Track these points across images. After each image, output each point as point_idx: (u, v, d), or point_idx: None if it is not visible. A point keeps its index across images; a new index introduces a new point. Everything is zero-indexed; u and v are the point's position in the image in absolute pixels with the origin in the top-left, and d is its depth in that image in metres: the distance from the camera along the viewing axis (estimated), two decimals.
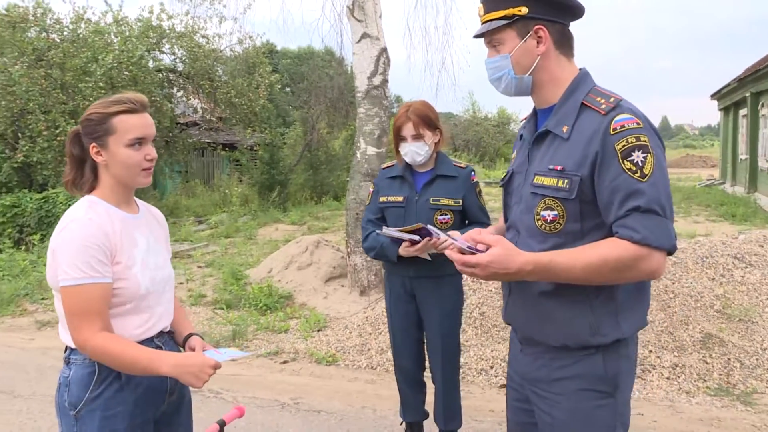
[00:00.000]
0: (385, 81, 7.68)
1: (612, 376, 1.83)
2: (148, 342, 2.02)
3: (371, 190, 3.62)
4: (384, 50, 7.58)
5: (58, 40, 13.05)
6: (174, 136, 15.73)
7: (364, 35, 7.46)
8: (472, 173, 3.45)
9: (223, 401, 4.59)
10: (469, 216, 3.41)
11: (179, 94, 16.50)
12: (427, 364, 3.69)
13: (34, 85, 11.57)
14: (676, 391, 4.62)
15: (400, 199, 3.41)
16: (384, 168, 3.64)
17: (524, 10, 1.83)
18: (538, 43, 1.86)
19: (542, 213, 1.84)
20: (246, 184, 18.47)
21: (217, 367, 1.90)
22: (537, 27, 1.84)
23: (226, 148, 20.15)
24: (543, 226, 1.85)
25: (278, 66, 26.14)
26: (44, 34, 13.05)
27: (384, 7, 7.81)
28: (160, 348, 2.07)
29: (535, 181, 1.88)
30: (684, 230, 10.95)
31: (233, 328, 6.25)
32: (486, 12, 1.90)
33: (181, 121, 16.73)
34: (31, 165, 11.74)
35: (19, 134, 11.81)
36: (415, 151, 3.31)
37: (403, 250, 3.18)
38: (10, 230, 10.57)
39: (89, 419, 1.91)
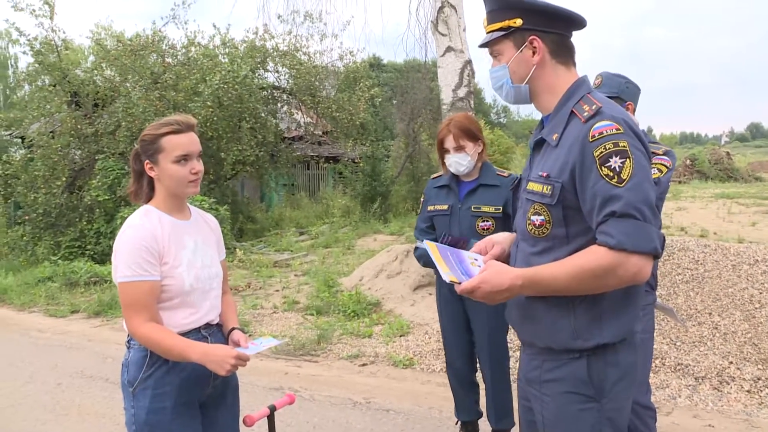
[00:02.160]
0: (470, 93, 7.82)
1: (597, 382, 1.87)
2: (194, 332, 2.30)
3: (422, 199, 3.81)
4: (468, 63, 7.72)
5: (172, 63, 14.03)
6: (279, 150, 16.40)
7: (449, 49, 7.64)
8: (515, 181, 3.51)
9: (301, 398, 4.87)
10: (508, 225, 3.44)
11: (283, 109, 17.19)
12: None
13: (150, 106, 12.48)
14: (757, 405, 4.46)
15: (445, 207, 3.61)
16: (433, 178, 3.84)
17: (519, 21, 1.94)
18: (533, 53, 1.95)
19: (532, 218, 1.94)
20: (349, 196, 18.96)
21: (241, 358, 2.14)
22: (531, 38, 1.94)
23: (330, 161, 20.76)
24: (533, 231, 1.94)
25: (380, 79, 26.67)
26: (160, 58, 14.07)
27: (468, 20, 7.95)
28: (206, 338, 2.34)
29: (527, 187, 1.98)
30: None
31: (319, 333, 6.55)
32: (488, 24, 2.03)
33: (287, 136, 17.41)
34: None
35: None
36: (458, 162, 3.51)
37: None
38: None
39: (142, 396, 2.22)
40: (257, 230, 15.78)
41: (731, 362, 4.88)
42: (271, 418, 2.72)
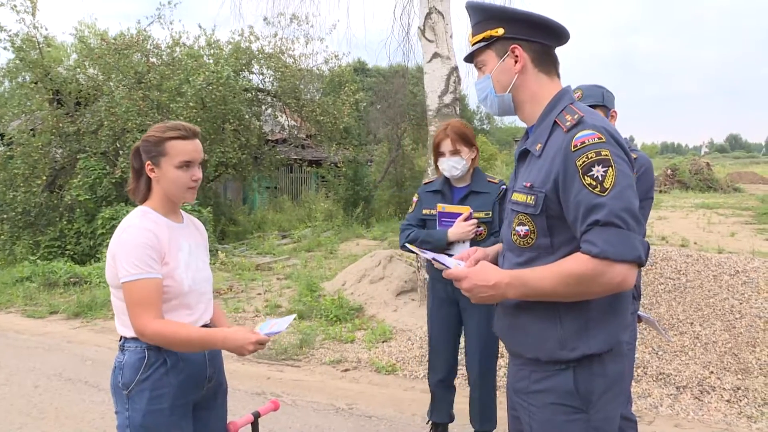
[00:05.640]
0: (456, 99, 7.81)
1: (584, 393, 1.87)
2: None
3: (415, 199, 3.86)
4: (455, 69, 7.71)
5: (156, 63, 13.92)
6: (262, 153, 16.33)
7: (435, 55, 7.63)
8: (503, 187, 3.65)
9: (283, 403, 4.83)
10: (496, 226, 3.58)
11: (267, 111, 17.14)
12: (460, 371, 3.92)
13: (134, 105, 12.35)
14: (736, 415, 4.49)
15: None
16: (425, 183, 3.93)
17: (501, 31, 1.97)
18: (515, 61, 1.97)
19: (517, 228, 1.95)
20: (331, 200, 18.95)
21: (261, 342, 2.16)
22: (513, 46, 1.96)
23: (313, 165, 20.73)
24: (518, 241, 1.96)
25: (364, 83, 26.66)
26: (144, 58, 13.95)
27: (454, 27, 7.97)
28: None
29: (512, 197, 2.00)
30: None
31: (301, 337, 6.52)
32: (473, 36, 2.06)
33: (271, 138, 17.35)
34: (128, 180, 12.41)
35: (119, 152, 12.67)
36: (453, 166, 3.58)
37: (454, 230, 3.49)
38: (108, 240, 11.34)
39: (139, 398, 2.19)
40: (239, 233, 15.71)
41: (712, 372, 4.91)
42: (254, 425, 2.70)
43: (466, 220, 3.51)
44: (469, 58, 2.11)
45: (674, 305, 5.66)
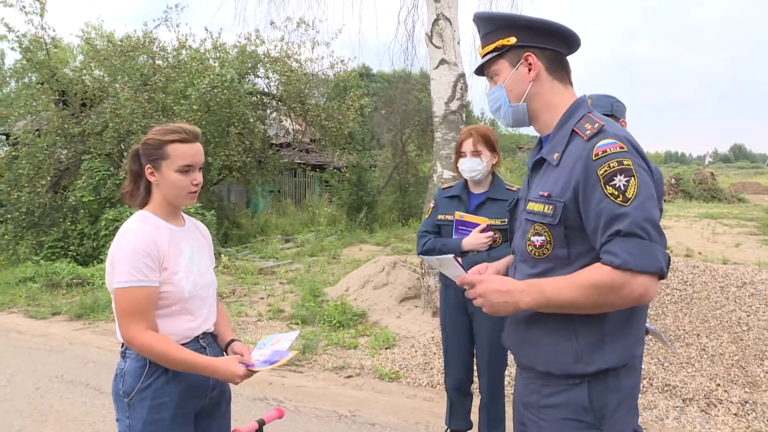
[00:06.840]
0: (462, 106, 7.79)
1: (598, 408, 1.82)
2: (193, 342, 2.27)
3: (431, 205, 3.86)
4: (461, 76, 7.70)
5: (162, 66, 13.92)
6: (266, 157, 16.32)
7: (442, 61, 7.61)
8: (512, 201, 3.61)
9: (285, 409, 4.79)
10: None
11: (272, 115, 17.12)
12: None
13: (139, 107, 12.36)
14: (744, 429, 4.43)
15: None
16: (444, 188, 3.90)
17: (513, 39, 1.94)
18: (529, 69, 1.94)
19: (532, 238, 1.90)
20: (335, 204, 18.94)
21: (246, 376, 2.17)
22: (526, 54, 1.93)
23: (317, 169, 20.71)
24: (533, 252, 1.91)
25: (369, 89, 26.67)
26: (150, 60, 13.96)
27: (461, 33, 7.95)
28: (204, 348, 2.30)
29: (527, 207, 1.95)
30: None
31: (304, 342, 6.48)
32: (483, 47, 2.02)
33: (275, 142, 17.33)
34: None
35: (124, 153, 12.66)
36: (473, 167, 3.60)
37: (470, 240, 3.50)
38: (111, 242, 11.32)
39: (139, 407, 2.15)
40: (242, 236, 15.69)
41: (719, 384, 4.87)
42: None
43: (482, 231, 3.51)
44: (480, 70, 2.08)
45: (680, 316, 5.62)
